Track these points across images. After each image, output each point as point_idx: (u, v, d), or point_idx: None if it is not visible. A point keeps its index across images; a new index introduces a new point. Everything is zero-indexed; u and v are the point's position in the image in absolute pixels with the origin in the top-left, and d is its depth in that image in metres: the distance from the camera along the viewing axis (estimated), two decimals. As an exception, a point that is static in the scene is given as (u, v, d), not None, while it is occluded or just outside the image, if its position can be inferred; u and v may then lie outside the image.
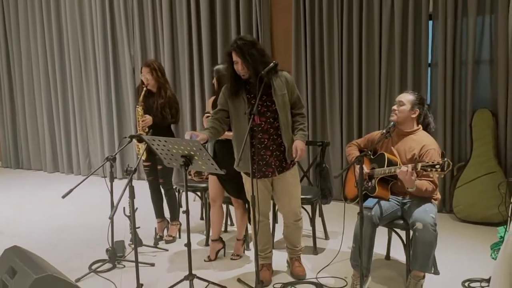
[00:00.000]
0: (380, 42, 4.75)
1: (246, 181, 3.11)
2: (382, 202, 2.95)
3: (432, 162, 2.67)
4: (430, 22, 4.57)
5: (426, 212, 2.79)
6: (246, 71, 2.84)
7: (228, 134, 3.17)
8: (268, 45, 5.35)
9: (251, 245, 3.61)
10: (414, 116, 2.99)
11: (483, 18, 4.34)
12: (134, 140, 3.69)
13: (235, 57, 2.84)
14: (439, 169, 2.63)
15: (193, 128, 5.84)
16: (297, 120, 3.01)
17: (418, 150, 2.91)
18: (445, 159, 2.65)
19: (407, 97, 3.01)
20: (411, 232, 2.86)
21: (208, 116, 3.34)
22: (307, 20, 5.04)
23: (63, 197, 2.94)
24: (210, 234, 3.72)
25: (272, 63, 2.83)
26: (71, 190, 2.97)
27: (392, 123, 2.97)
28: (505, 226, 3.60)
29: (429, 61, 4.62)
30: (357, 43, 4.83)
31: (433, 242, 2.76)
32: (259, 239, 3.19)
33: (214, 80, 3.54)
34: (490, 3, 4.28)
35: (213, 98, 3.63)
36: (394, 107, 3.03)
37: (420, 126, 3.04)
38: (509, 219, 2.62)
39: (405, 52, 4.65)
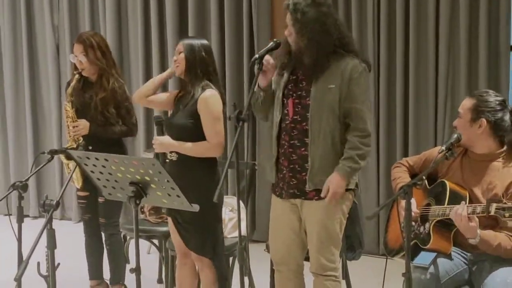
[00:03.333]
0: (436, 19, 4.82)
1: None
2: (441, 260, 2.95)
3: None
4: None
5: (507, 285, 2.77)
6: (294, 41, 3.03)
7: (200, 148, 3.27)
8: (265, 21, 5.42)
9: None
10: (479, 131, 2.95)
11: None
12: (62, 157, 3.66)
13: (288, 21, 3.03)
14: None
15: (149, 140, 5.80)
16: (351, 140, 3.04)
17: (503, 187, 2.89)
18: None
19: (465, 103, 3.00)
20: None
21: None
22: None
23: None
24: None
25: (271, 43, 3.04)
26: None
27: (455, 135, 2.96)
28: None
29: (512, 44, 4.69)
30: (401, 21, 4.90)
31: None
32: None
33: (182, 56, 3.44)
34: None
35: (176, 92, 3.62)
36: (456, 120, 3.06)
37: (505, 148, 3.01)
38: None
39: (474, 31, 4.72)
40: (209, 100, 3.28)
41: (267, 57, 3.03)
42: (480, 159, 3.00)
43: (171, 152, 3.36)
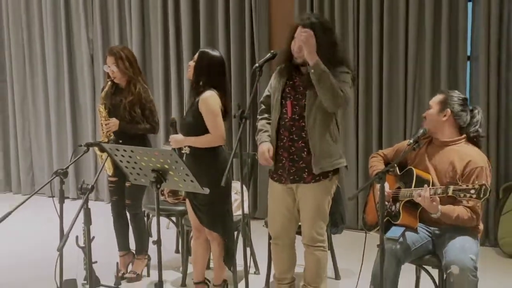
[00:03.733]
0: (406, 31, 4.80)
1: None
2: (409, 233, 2.94)
3: (466, 186, 2.67)
4: (470, 5, 4.62)
5: (464, 252, 2.77)
6: (301, 55, 3.00)
7: (204, 140, 3.26)
8: (264, 30, 5.39)
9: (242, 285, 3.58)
10: (445, 119, 2.99)
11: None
12: (96, 150, 3.67)
13: (299, 32, 2.99)
14: (474, 195, 2.64)
15: (168, 135, 5.82)
16: None
17: (461, 167, 2.89)
18: (483, 183, 2.65)
19: (436, 98, 3.06)
20: (445, 275, 2.84)
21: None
22: (314, 2, 5.07)
23: (-3, 223, 2.90)
24: (190, 271, 3.69)
25: (269, 53, 3.03)
26: (7, 215, 2.91)
27: (421, 130, 2.97)
28: None
29: (468, 54, 4.67)
30: (377, 31, 4.88)
31: None
32: (275, 264, 3.36)
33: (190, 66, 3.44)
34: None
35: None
36: (425, 113, 3.08)
37: (464, 135, 3.03)
38: None
39: (437, 43, 4.70)
40: (208, 100, 3.27)
41: (266, 155, 3.11)
42: (442, 144, 3.01)
43: (184, 147, 3.36)
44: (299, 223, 3.30)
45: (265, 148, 3.14)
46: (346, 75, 3.07)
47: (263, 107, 3.34)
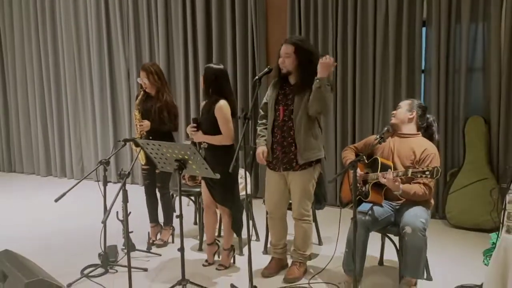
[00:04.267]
0: (374, 49, 4.78)
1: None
2: (376, 208, 2.96)
3: (422, 169, 2.71)
4: (424, 29, 4.60)
5: (416, 217, 2.80)
6: (291, 66, 3.02)
7: (217, 139, 3.26)
8: (263, 50, 5.38)
9: (245, 250, 3.59)
10: (411, 116, 3.04)
11: (476, 26, 4.38)
12: (132, 145, 3.68)
13: (283, 50, 3.03)
14: (428, 176, 2.67)
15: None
16: None
17: (419, 154, 2.94)
18: (435, 165, 2.69)
19: (405, 102, 3.12)
20: (401, 234, 2.85)
21: (192, 127, 3.36)
22: (302, 28, 5.07)
23: (56, 201, 2.92)
24: (205, 238, 3.70)
25: (266, 68, 3.04)
26: (63, 194, 2.95)
27: (386, 128, 2.98)
28: (497, 233, 3.62)
29: (423, 68, 4.66)
30: (351, 49, 4.86)
31: (422, 247, 2.76)
32: (271, 233, 3.38)
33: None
34: (483, 11, 4.32)
35: (205, 102, 3.62)
36: (394, 111, 3.12)
37: (420, 133, 3.08)
38: (501, 225, 2.63)
39: (399, 58, 4.69)
40: (222, 108, 3.26)
41: (260, 156, 3.17)
42: (404, 136, 3.05)
43: (203, 142, 3.36)
44: (290, 201, 3.31)
45: (260, 151, 3.20)
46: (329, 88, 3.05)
47: (262, 113, 3.33)
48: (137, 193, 4.44)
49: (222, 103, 3.27)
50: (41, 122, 6.99)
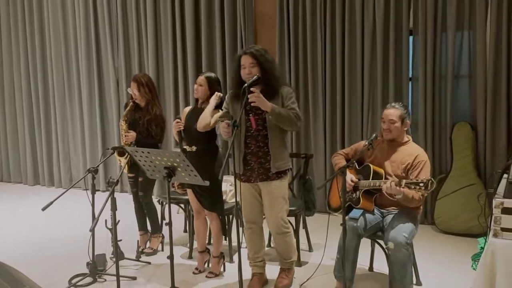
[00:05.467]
0: (362, 57, 4.82)
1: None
2: (367, 214, 2.96)
3: (416, 180, 2.69)
4: (411, 38, 4.65)
5: (399, 231, 2.78)
6: (253, 76, 2.90)
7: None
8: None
9: (236, 257, 3.57)
10: (406, 128, 3.07)
11: (461, 34, 4.44)
12: (116, 155, 3.65)
13: (246, 61, 2.93)
14: (422, 188, 2.64)
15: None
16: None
17: (411, 161, 2.95)
18: (430, 178, 2.67)
19: (396, 113, 3.02)
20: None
21: (178, 122, 3.40)
22: (291, 35, 5.09)
23: (43, 209, 2.89)
24: (195, 246, 3.67)
25: (255, 76, 2.90)
26: (51, 203, 2.91)
27: (374, 134, 2.98)
28: (485, 237, 3.64)
29: (410, 75, 4.70)
30: (339, 57, 4.89)
31: (406, 262, 2.75)
32: (249, 246, 3.22)
33: (204, 87, 3.43)
34: (468, 19, 4.38)
35: (189, 108, 3.63)
36: (385, 126, 3.04)
37: (410, 137, 3.10)
38: (488, 230, 2.65)
39: (386, 66, 4.72)
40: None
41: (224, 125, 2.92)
42: (399, 144, 3.06)
43: (191, 146, 3.36)
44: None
45: (225, 124, 2.93)
46: (292, 95, 3.01)
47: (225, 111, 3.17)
48: (126, 201, 4.39)
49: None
50: (29, 131, 6.92)
